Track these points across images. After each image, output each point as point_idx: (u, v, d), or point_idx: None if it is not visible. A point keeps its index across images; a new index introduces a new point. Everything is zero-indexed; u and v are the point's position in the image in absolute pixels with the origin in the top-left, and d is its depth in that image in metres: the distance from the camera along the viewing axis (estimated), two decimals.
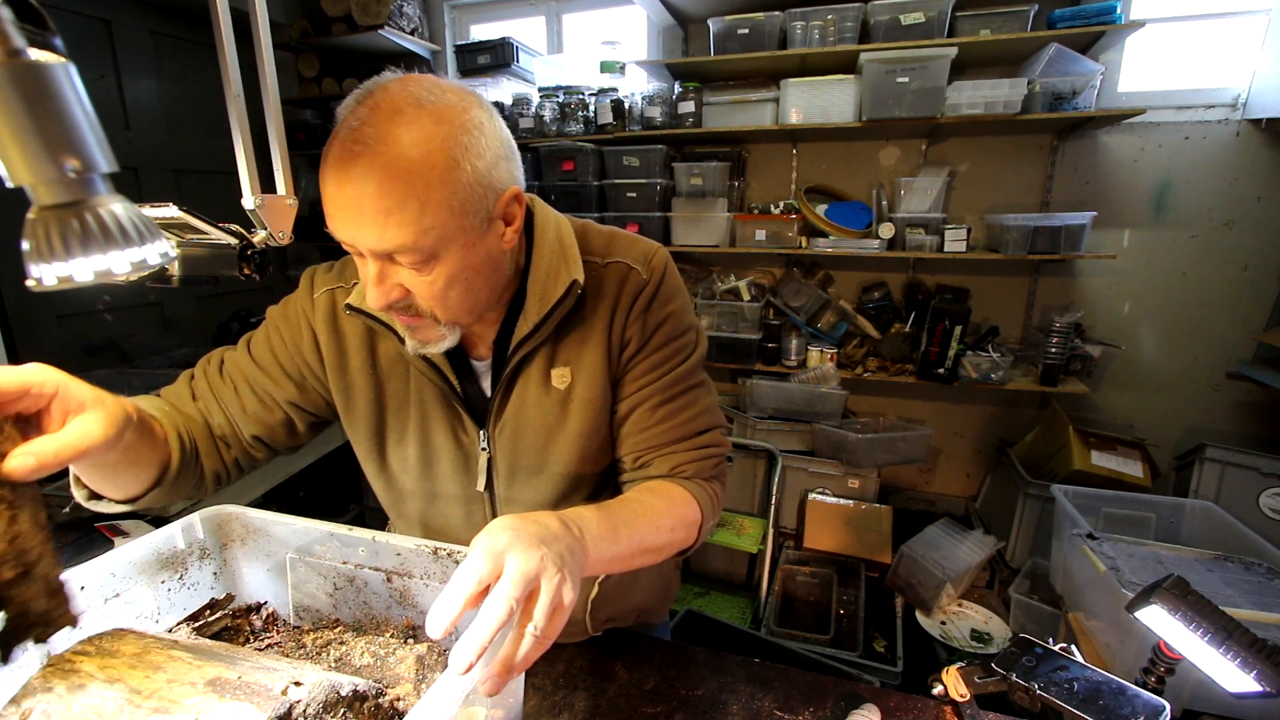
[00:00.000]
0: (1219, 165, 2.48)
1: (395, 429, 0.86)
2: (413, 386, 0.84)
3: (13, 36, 0.50)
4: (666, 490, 0.80)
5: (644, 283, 0.82)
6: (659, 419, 0.83)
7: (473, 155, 0.65)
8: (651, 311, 0.82)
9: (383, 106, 0.63)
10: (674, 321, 0.83)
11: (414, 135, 0.62)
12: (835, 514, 2.65)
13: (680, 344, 0.83)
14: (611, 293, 0.81)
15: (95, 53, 2.75)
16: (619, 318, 0.81)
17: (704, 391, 0.86)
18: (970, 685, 0.83)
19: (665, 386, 0.83)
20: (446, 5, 3.46)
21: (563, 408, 0.82)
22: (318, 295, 0.85)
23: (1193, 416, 2.70)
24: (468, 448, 0.85)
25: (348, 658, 0.72)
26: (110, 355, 2.81)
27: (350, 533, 0.78)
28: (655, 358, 0.82)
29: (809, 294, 2.94)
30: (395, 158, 0.61)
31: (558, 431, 0.83)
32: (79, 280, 0.55)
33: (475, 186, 0.66)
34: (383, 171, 0.61)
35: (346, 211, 0.65)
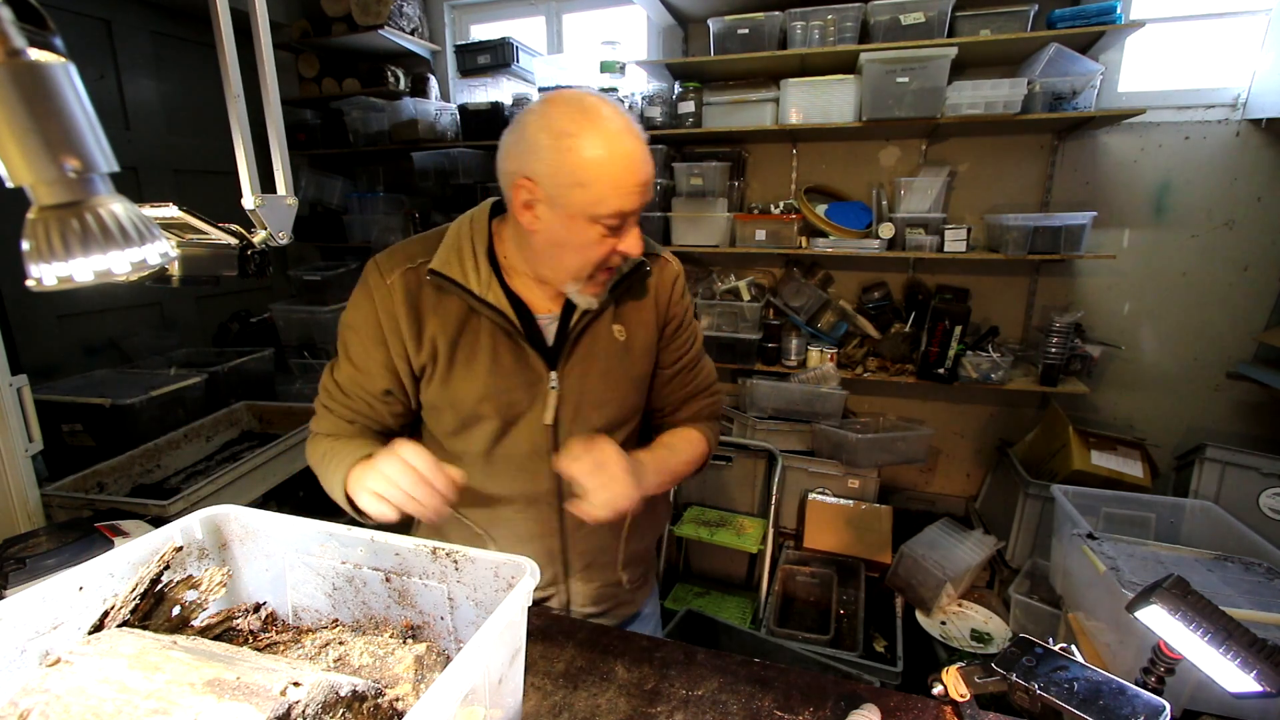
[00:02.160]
0: (1219, 165, 2.48)
1: (467, 371, 0.98)
2: (484, 335, 0.98)
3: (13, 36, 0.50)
4: (685, 435, 1.11)
5: (677, 273, 1.09)
6: (688, 379, 1.12)
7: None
8: (686, 296, 1.11)
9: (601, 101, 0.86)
10: (688, 302, 1.12)
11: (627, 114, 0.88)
12: (835, 514, 2.65)
13: (692, 320, 1.12)
14: (659, 277, 1.06)
15: (95, 53, 2.75)
16: (662, 297, 1.06)
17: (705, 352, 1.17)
18: (970, 685, 0.83)
19: (694, 354, 1.12)
20: (446, 5, 3.46)
21: (623, 356, 1.03)
22: (391, 280, 0.96)
23: (1193, 416, 2.70)
24: (537, 386, 0.99)
25: (346, 658, 0.72)
26: (110, 355, 2.81)
27: (349, 532, 0.78)
28: (687, 332, 1.11)
29: (809, 294, 2.94)
30: (632, 125, 0.87)
31: (619, 372, 1.03)
32: (79, 280, 0.55)
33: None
34: (636, 135, 0.87)
35: (633, 172, 0.85)
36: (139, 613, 0.68)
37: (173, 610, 0.71)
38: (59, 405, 2.05)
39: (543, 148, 0.84)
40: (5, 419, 1.51)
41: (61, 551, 1.32)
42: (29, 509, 1.60)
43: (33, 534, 1.42)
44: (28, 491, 1.60)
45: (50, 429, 1.89)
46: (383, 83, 3.28)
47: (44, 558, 1.30)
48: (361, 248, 3.39)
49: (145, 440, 2.02)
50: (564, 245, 0.89)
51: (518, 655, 0.72)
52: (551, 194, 0.85)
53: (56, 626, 0.66)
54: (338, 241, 3.48)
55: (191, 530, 0.79)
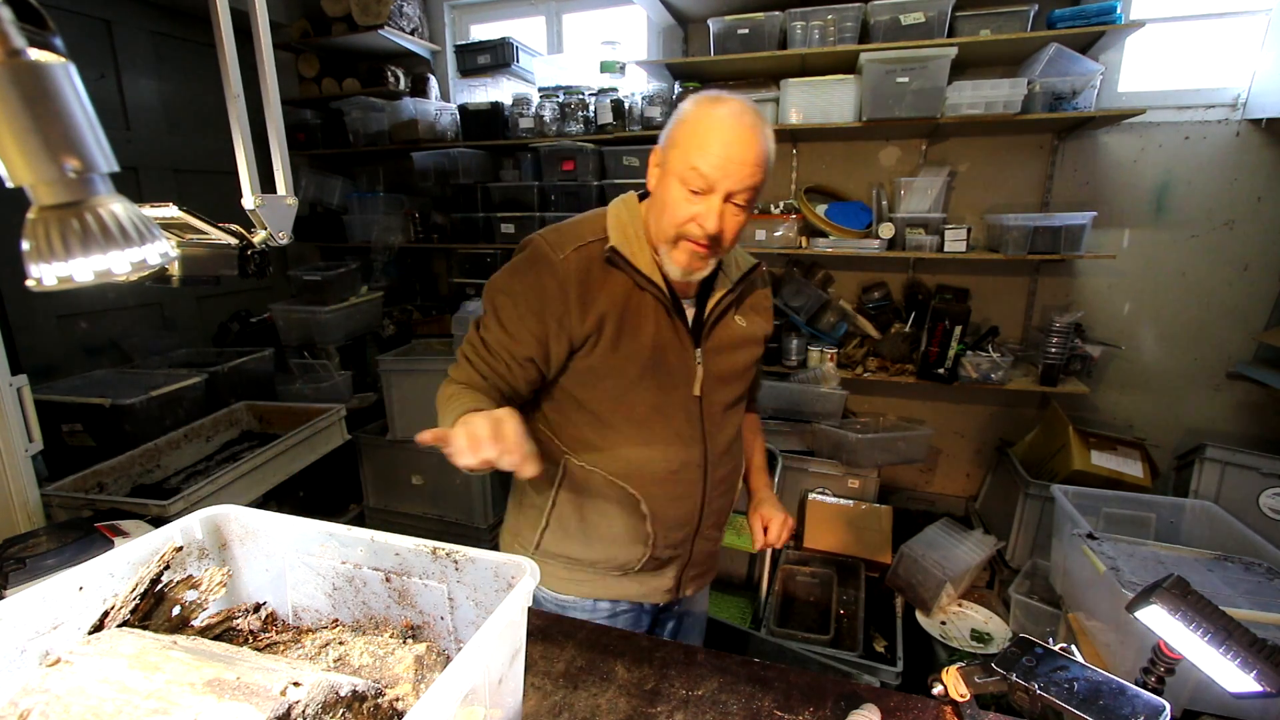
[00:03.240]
0: (1219, 165, 2.48)
1: (632, 343, 1.06)
2: (648, 312, 1.07)
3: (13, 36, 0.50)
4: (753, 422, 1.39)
5: (763, 276, 1.24)
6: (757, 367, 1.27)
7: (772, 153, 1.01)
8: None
9: (742, 101, 0.99)
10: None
11: (767, 131, 0.99)
12: (835, 514, 2.64)
13: None
14: (762, 281, 1.23)
15: (95, 53, 2.75)
16: (768, 299, 1.25)
17: None
18: (970, 685, 0.83)
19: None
20: (446, 5, 3.46)
21: (743, 340, 1.16)
22: (563, 257, 1.04)
23: (1193, 416, 2.70)
24: (688, 360, 1.10)
25: (346, 658, 0.72)
26: (110, 355, 2.81)
27: (349, 532, 0.77)
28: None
29: (809, 294, 2.94)
30: (762, 129, 0.98)
31: (742, 355, 1.16)
32: (79, 280, 0.55)
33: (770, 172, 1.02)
34: (757, 134, 0.96)
35: (728, 153, 0.94)
36: (139, 613, 0.68)
37: (173, 610, 0.71)
38: (59, 405, 2.05)
39: (670, 121, 1.01)
40: (5, 419, 1.51)
41: (61, 551, 1.32)
42: (29, 509, 1.60)
43: (33, 534, 1.42)
44: (28, 491, 1.60)
45: (50, 429, 1.89)
46: (383, 83, 3.28)
47: (44, 558, 1.30)
48: (361, 248, 3.39)
49: (145, 440, 2.02)
50: (662, 203, 1.01)
51: (518, 655, 0.72)
52: (664, 156, 1.01)
53: (56, 626, 0.66)
54: (338, 241, 3.48)
55: (191, 530, 0.79)
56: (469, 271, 3.40)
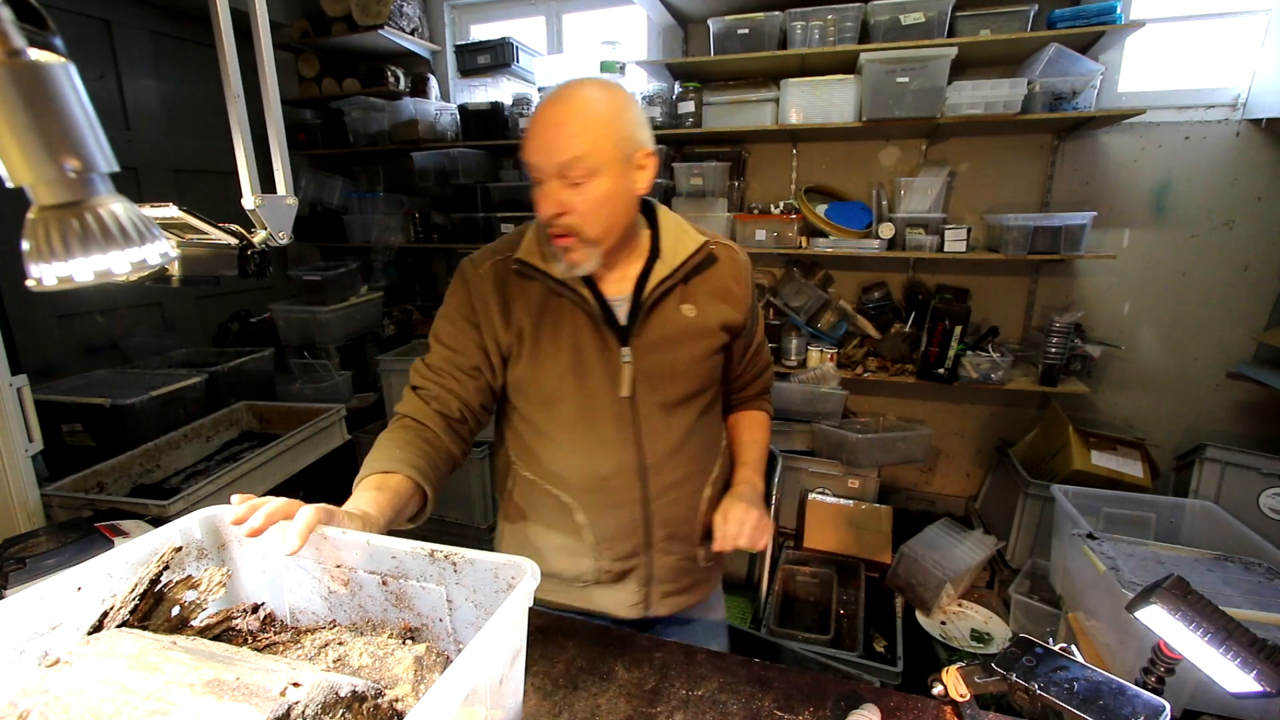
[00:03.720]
0: (1219, 165, 2.48)
1: (551, 349, 1.06)
2: (565, 316, 1.05)
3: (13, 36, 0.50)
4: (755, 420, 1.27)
5: (746, 262, 1.15)
6: (756, 353, 1.24)
7: (626, 115, 0.96)
8: (755, 283, 1.19)
9: (573, 81, 0.96)
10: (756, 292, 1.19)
11: (592, 92, 0.94)
12: (835, 514, 2.64)
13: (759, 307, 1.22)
14: (728, 264, 1.12)
15: (95, 53, 2.75)
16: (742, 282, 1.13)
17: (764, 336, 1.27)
18: (970, 685, 0.83)
19: (759, 331, 1.23)
20: (446, 5, 3.46)
21: (690, 332, 1.08)
22: (483, 270, 1.07)
23: (1193, 416, 2.70)
24: (613, 362, 1.05)
25: (346, 658, 0.71)
26: (110, 355, 2.81)
27: (346, 535, 0.77)
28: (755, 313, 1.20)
29: (809, 294, 2.94)
30: (580, 100, 0.93)
31: (690, 347, 1.08)
32: (79, 280, 0.55)
33: (626, 136, 0.96)
34: (571, 107, 0.93)
35: (542, 135, 0.93)
36: (138, 613, 0.68)
37: (172, 610, 0.71)
38: (59, 405, 2.05)
39: None
40: (5, 419, 1.51)
41: (61, 552, 1.32)
42: (29, 509, 1.60)
43: (33, 534, 1.42)
44: (28, 491, 1.60)
45: (50, 429, 1.89)
46: (383, 83, 3.28)
47: (44, 558, 1.30)
48: (361, 248, 3.39)
49: (145, 440, 2.02)
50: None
51: (518, 656, 0.72)
52: None
53: (56, 627, 0.66)
54: (338, 241, 3.48)
55: (191, 530, 0.79)
56: None
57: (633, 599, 1.13)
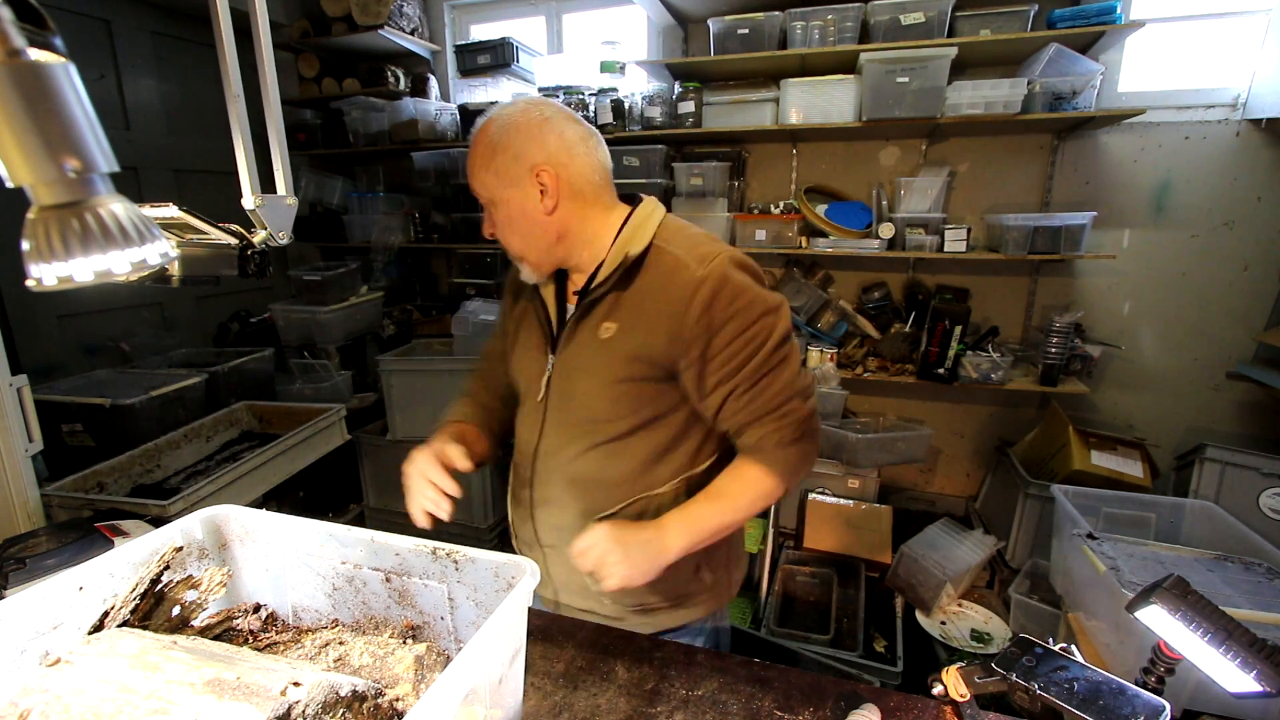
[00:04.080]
0: (1219, 165, 2.48)
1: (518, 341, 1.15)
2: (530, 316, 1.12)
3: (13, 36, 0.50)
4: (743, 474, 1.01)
5: (699, 281, 0.93)
6: (745, 402, 0.98)
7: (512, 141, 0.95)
8: (714, 312, 0.94)
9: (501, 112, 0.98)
10: (741, 317, 0.94)
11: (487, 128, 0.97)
12: (835, 514, 2.64)
13: (751, 334, 0.95)
14: (663, 278, 0.96)
15: (95, 53, 2.75)
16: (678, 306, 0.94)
17: (783, 368, 0.99)
18: (970, 685, 0.83)
19: (747, 375, 0.96)
20: (446, 5, 3.46)
21: (600, 355, 1.00)
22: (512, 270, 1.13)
23: (1193, 416, 2.70)
24: (542, 365, 1.08)
25: (346, 658, 0.72)
26: (110, 355, 2.81)
27: (349, 533, 0.77)
28: (730, 350, 0.95)
29: (809, 294, 2.94)
30: (476, 138, 0.99)
31: (596, 369, 1.00)
32: (79, 280, 0.55)
33: (511, 161, 0.96)
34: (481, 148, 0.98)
35: (470, 171, 1.00)
36: (139, 613, 0.68)
37: (173, 610, 0.71)
38: (59, 405, 2.05)
39: None
40: (5, 419, 1.51)
41: (61, 551, 1.32)
42: (29, 509, 1.60)
43: (33, 534, 1.42)
44: (28, 491, 1.60)
45: (50, 429, 1.89)
46: (383, 83, 3.28)
47: (44, 558, 1.30)
48: (361, 248, 3.39)
49: (145, 440, 2.02)
50: None
51: (518, 655, 0.72)
52: None
53: (56, 626, 0.66)
54: (338, 241, 3.48)
55: (191, 530, 0.79)
56: (469, 271, 3.40)
57: (548, 588, 1.17)
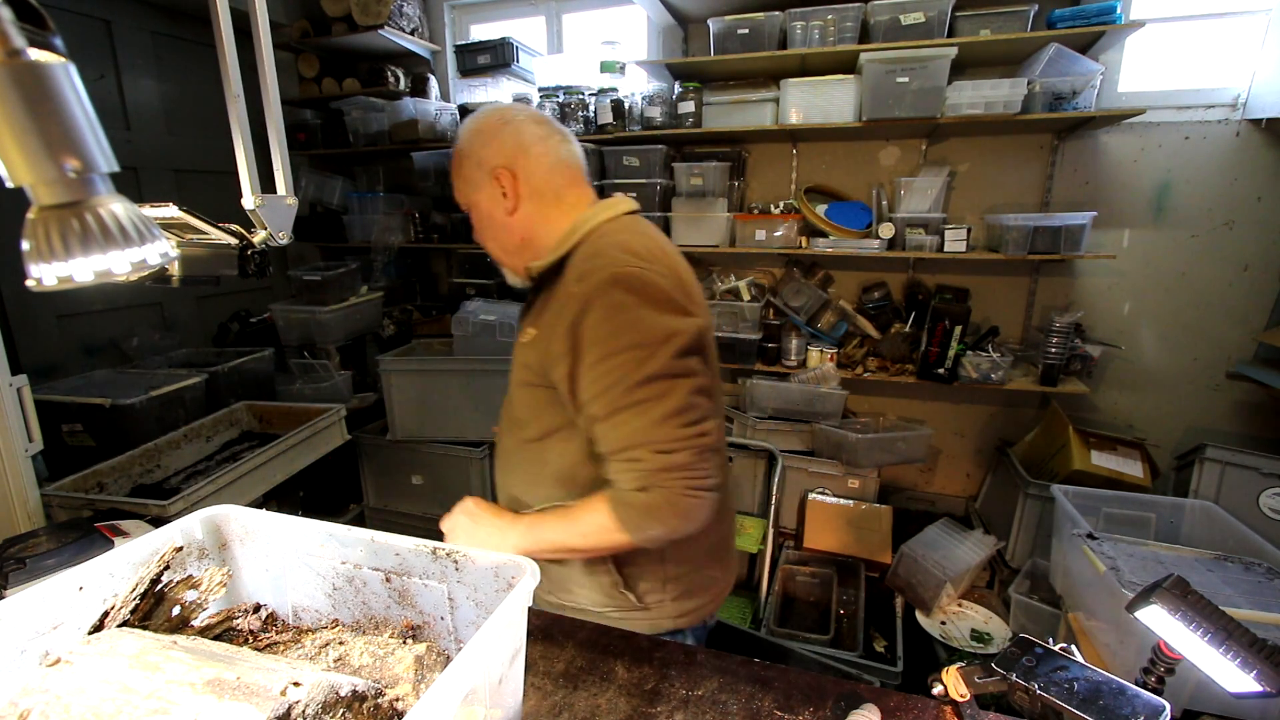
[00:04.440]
0: (1219, 165, 2.48)
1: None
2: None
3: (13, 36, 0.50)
4: (597, 505, 0.94)
5: (570, 297, 0.90)
6: (602, 432, 0.92)
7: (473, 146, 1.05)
8: (581, 330, 0.88)
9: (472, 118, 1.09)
10: (605, 344, 0.87)
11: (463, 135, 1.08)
12: (835, 514, 2.64)
13: (614, 364, 0.87)
14: (558, 290, 0.97)
15: (95, 53, 2.75)
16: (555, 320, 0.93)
17: (641, 409, 0.87)
18: (970, 685, 0.83)
19: (604, 405, 0.89)
20: (446, 5, 3.46)
21: (517, 356, 1.06)
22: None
23: (1193, 416, 2.70)
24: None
25: (346, 658, 0.72)
26: (110, 355, 2.81)
27: (349, 533, 0.77)
28: (591, 375, 0.89)
29: (809, 294, 2.94)
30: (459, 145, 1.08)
31: (513, 372, 1.08)
32: (79, 280, 0.55)
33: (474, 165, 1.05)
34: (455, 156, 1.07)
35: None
36: (139, 613, 0.68)
37: (173, 610, 0.71)
38: (59, 405, 2.05)
39: None
40: (5, 419, 1.51)
41: (61, 551, 1.32)
42: (29, 509, 1.60)
43: (33, 534, 1.42)
44: (28, 491, 1.60)
45: (50, 429, 1.89)
46: (383, 83, 3.28)
47: (44, 558, 1.30)
48: (361, 247, 3.39)
49: (145, 440, 2.02)
50: None
51: (518, 655, 0.72)
52: None
53: (56, 626, 0.66)
54: (338, 241, 3.48)
55: (191, 530, 0.79)
56: (469, 271, 3.40)
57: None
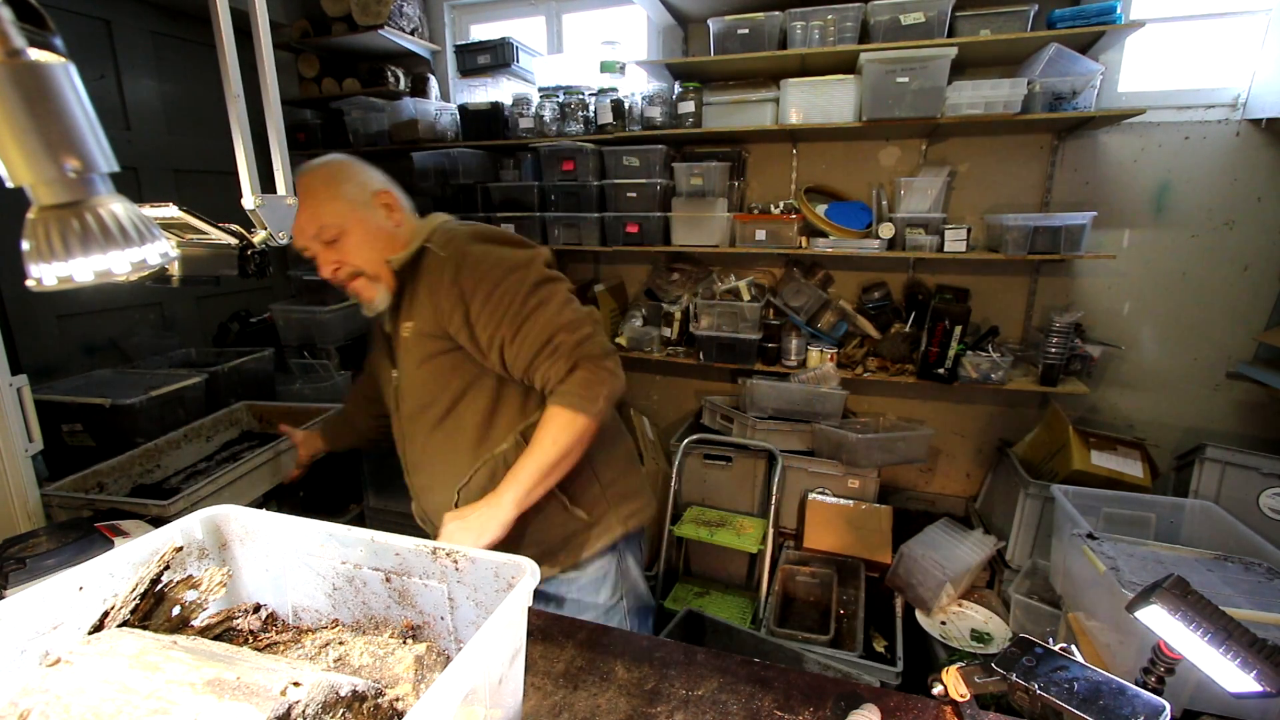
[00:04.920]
0: (1219, 165, 2.48)
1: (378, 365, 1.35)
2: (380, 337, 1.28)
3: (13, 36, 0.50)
4: (546, 415, 1.11)
5: (442, 261, 1.13)
6: (516, 347, 1.11)
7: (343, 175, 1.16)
8: (462, 282, 1.10)
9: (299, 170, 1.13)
10: (487, 280, 1.10)
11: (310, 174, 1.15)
12: (835, 514, 2.64)
13: (502, 292, 1.09)
14: (424, 271, 1.15)
15: (95, 53, 2.75)
16: (434, 286, 1.13)
17: (540, 310, 1.10)
18: (970, 685, 0.83)
19: (509, 324, 1.10)
20: (446, 5, 3.46)
21: (407, 352, 1.20)
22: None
23: (1193, 416, 2.70)
24: (390, 378, 1.26)
25: (346, 658, 0.72)
26: (110, 355, 2.81)
27: (349, 533, 0.77)
28: (488, 310, 1.09)
29: (809, 294, 2.94)
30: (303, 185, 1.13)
31: (406, 368, 1.20)
32: (79, 280, 0.55)
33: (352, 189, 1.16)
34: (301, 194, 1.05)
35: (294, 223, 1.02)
36: (139, 613, 0.68)
37: (173, 610, 0.71)
38: (59, 405, 2.05)
39: None
40: (5, 419, 1.51)
41: (61, 551, 1.32)
42: (29, 509, 1.60)
43: (33, 534, 1.42)
44: (28, 491, 1.60)
45: (50, 429, 1.89)
46: (383, 83, 3.28)
47: (44, 558, 1.30)
48: None
49: (145, 440, 2.02)
50: None
51: (518, 655, 0.72)
52: None
53: (56, 626, 0.66)
54: None
55: (191, 530, 0.79)
56: None
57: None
